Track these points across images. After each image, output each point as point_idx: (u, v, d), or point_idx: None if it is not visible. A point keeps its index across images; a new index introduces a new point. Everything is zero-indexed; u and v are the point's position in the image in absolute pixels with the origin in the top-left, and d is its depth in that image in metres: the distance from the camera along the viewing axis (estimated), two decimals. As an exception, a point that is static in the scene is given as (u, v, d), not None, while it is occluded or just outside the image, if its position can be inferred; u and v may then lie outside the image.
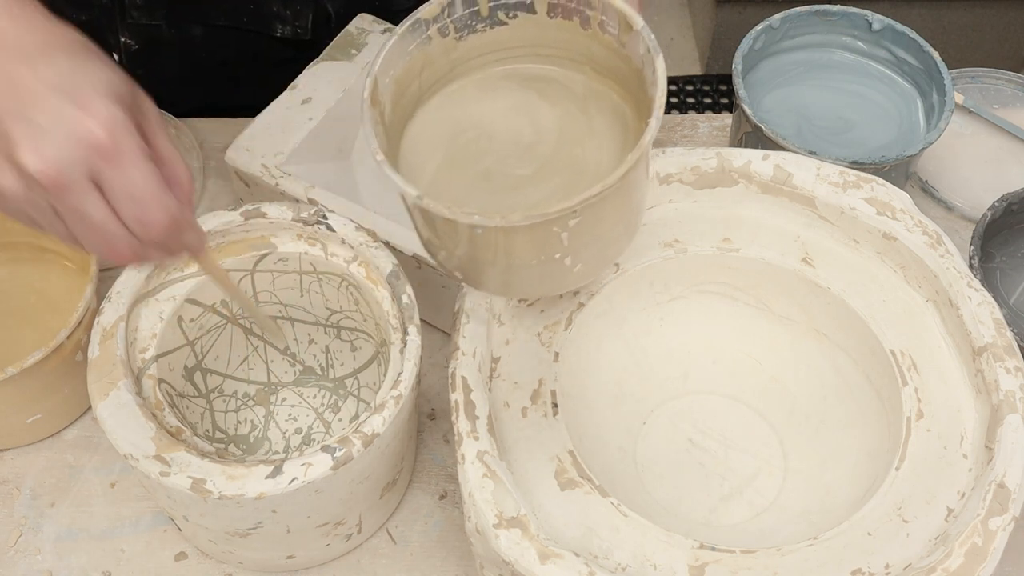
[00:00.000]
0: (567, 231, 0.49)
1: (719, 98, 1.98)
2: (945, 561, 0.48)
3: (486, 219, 0.47)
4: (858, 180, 0.62)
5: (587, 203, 0.47)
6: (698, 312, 0.65)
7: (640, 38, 0.51)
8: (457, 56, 0.56)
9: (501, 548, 0.49)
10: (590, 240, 0.51)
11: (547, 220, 0.47)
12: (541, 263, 0.51)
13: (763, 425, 0.65)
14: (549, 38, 0.56)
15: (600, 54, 0.55)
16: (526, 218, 0.47)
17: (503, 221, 0.47)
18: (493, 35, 0.56)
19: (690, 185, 0.63)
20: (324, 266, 0.63)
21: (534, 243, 0.50)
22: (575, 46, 0.56)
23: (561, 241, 0.50)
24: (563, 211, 0.47)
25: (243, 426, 0.69)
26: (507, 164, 0.55)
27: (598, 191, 0.47)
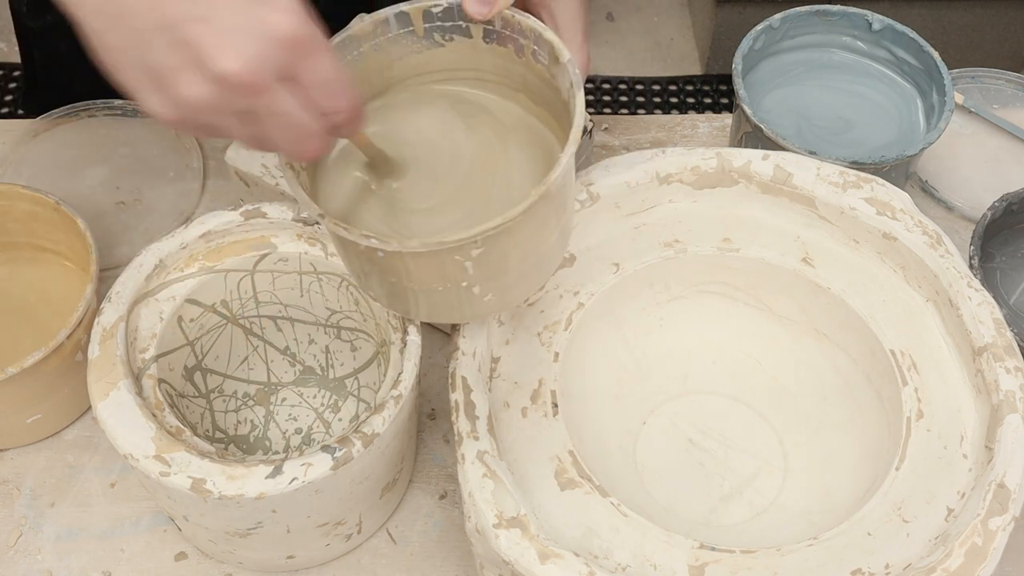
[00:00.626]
0: (471, 260, 0.49)
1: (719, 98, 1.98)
2: (945, 561, 0.48)
3: (383, 244, 0.47)
4: (858, 180, 0.62)
5: (487, 234, 0.47)
6: (698, 312, 0.65)
7: (565, 71, 0.51)
8: (393, 75, 0.56)
9: (501, 548, 0.49)
10: (498, 271, 0.51)
11: (445, 248, 0.47)
12: (448, 290, 0.51)
13: (763, 425, 0.65)
14: (485, 63, 0.56)
15: (534, 83, 0.55)
16: (423, 245, 0.47)
17: (400, 246, 0.47)
18: (428, 56, 0.56)
19: (690, 185, 0.63)
20: (324, 266, 0.63)
21: (437, 270, 0.50)
22: (511, 73, 0.55)
23: (465, 270, 0.49)
24: (461, 240, 0.47)
25: (243, 426, 0.69)
26: (422, 187, 0.54)
27: (498, 223, 0.47)
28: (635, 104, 1.97)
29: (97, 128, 0.86)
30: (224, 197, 0.82)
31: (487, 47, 0.55)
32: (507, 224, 0.47)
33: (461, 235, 0.47)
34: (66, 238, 0.71)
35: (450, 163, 0.55)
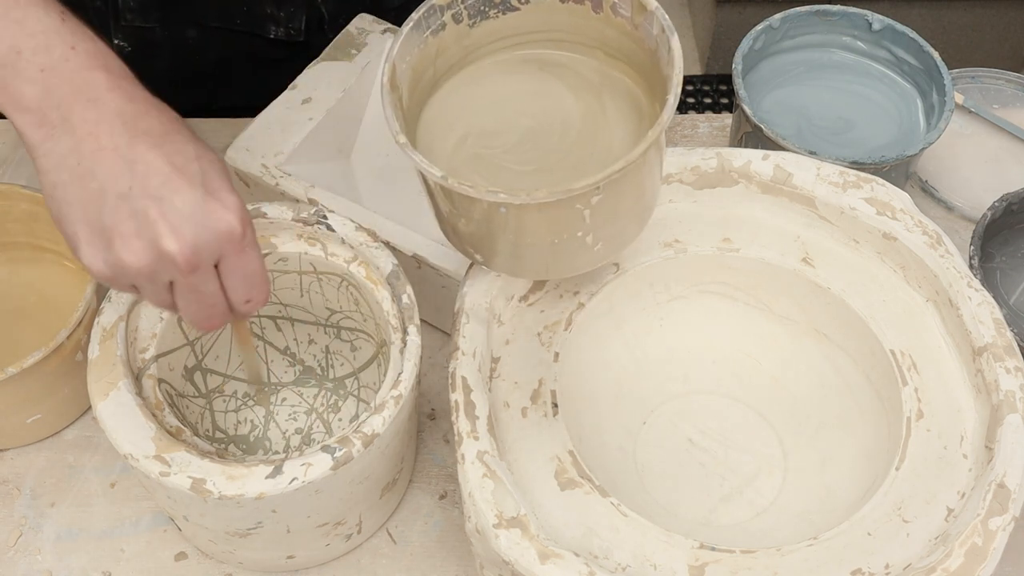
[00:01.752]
0: (589, 208, 0.50)
1: (719, 98, 1.98)
2: (945, 561, 0.48)
3: (511, 197, 0.48)
4: (858, 180, 0.62)
5: (610, 179, 0.48)
6: (698, 312, 0.65)
7: (654, 18, 0.52)
8: (470, 43, 0.56)
9: (501, 548, 0.49)
10: (610, 218, 0.52)
11: (571, 196, 0.48)
12: (563, 241, 0.52)
13: (763, 425, 0.65)
14: (561, 23, 0.56)
15: (612, 37, 0.55)
16: (551, 194, 0.48)
17: (528, 198, 0.48)
18: (505, 21, 0.56)
19: (690, 185, 0.63)
20: (324, 266, 0.63)
21: (557, 221, 0.50)
22: (587, 30, 0.56)
23: (583, 219, 0.50)
24: (588, 187, 0.48)
25: (243, 426, 0.69)
26: (522, 147, 0.55)
27: (621, 166, 0.48)
28: (635, 104, 1.97)
29: (97, 128, 0.86)
30: (224, 197, 0.82)
31: (563, 6, 0.55)
32: (628, 167, 0.48)
33: (588, 180, 0.47)
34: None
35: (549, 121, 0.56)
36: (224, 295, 0.51)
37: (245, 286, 0.51)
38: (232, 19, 0.85)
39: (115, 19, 0.84)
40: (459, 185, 0.48)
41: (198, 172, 0.48)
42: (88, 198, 0.47)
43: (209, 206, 0.48)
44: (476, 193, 0.48)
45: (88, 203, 0.47)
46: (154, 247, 0.47)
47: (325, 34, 0.85)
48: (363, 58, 0.78)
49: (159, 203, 0.47)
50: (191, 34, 0.86)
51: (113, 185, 0.47)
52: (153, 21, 0.85)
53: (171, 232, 0.47)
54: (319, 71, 0.77)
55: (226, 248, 0.49)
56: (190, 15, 0.85)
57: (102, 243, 0.48)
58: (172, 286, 0.50)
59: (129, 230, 0.47)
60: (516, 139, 0.55)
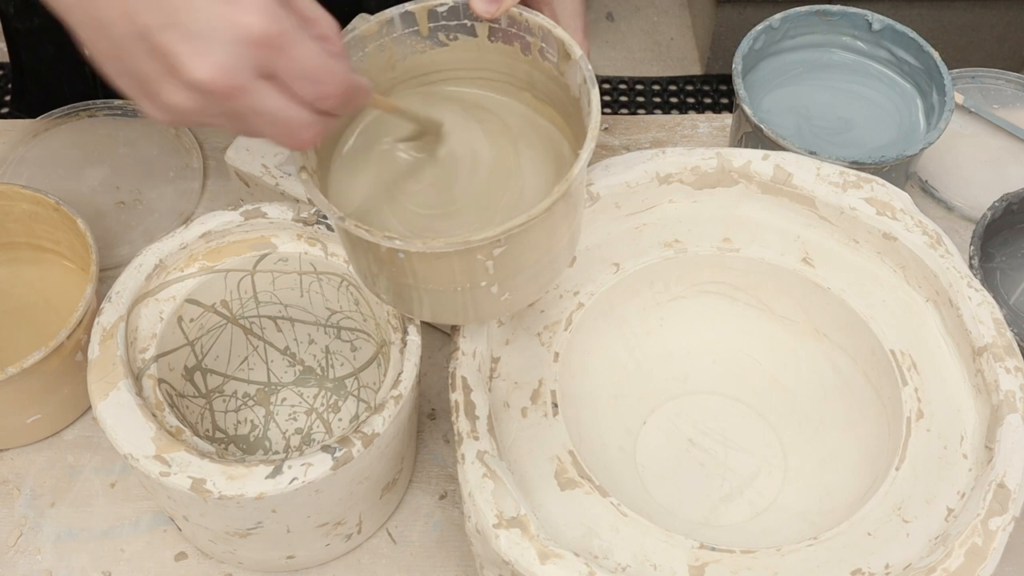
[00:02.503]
0: (492, 260, 0.49)
1: (719, 98, 1.98)
2: (945, 561, 0.48)
3: (407, 244, 0.47)
4: (858, 180, 0.62)
5: (510, 233, 0.47)
6: (698, 312, 0.65)
7: (578, 67, 0.51)
8: (395, 76, 0.56)
9: (501, 548, 0.49)
10: (517, 269, 0.51)
11: (470, 248, 0.47)
12: (466, 290, 0.51)
13: (763, 425, 0.65)
14: (490, 62, 0.56)
15: (540, 81, 0.55)
16: (448, 245, 0.47)
17: (424, 247, 0.47)
18: (432, 56, 0.56)
19: (690, 185, 0.63)
20: (324, 266, 0.63)
21: (458, 270, 0.50)
22: (516, 71, 0.55)
23: (486, 269, 0.49)
24: (486, 240, 0.47)
25: (243, 426, 0.69)
26: (431, 190, 0.54)
27: (522, 221, 0.47)
28: (635, 104, 1.98)
29: (97, 128, 0.86)
30: (224, 197, 0.82)
31: (492, 46, 0.55)
32: (531, 222, 0.47)
33: (487, 233, 0.47)
34: (66, 238, 0.71)
35: (469, 172, 0.55)
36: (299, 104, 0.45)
37: (310, 85, 0.45)
38: None
39: None
40: (355, 228, 0.47)
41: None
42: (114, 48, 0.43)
43: (226, 15, 0.42)
44: (372, 238, 0.47)
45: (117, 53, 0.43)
46: (186, 83, 0.42)
47: None
48: (363, 58, 0.78)
49: (174, 31, 0.42)
50: None
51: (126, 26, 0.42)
52: None
53: (195, 60, 0.42)
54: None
55: (263, 55, 0.43)
56: None
57: (144, 92, 0.44)
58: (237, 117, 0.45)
59: (157, 71, 0.43)
60: (426, 180, 0.54)
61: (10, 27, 0.93)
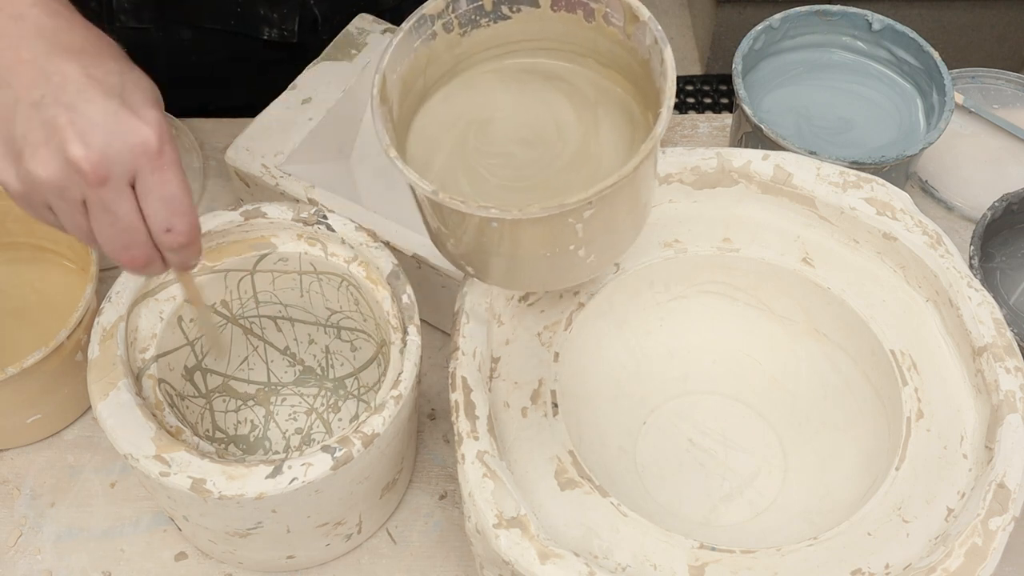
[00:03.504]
0: (582, 222, 0.49)
1: (719, 98, 1.98)
2: (945, 561, 0.48)
3: (503, 212, 0.47)
4: (858, 180, 0.62)
5: (602, 193, 0.47)
6: (698, 312, 0.65)
7: (647, 28, 0.51)
8: (461, 51, 0.56)
9: (501, 548, 0.49)
10: (603, 231, 0.51)
11: (564, 211, 0.48)
12: (556, 255, 0.51)
13: (763, 425, 0.65)
14: (553, 32, 0.56)
15: (605, 47, 0.55)
16: (544, 209, 0.47)
17: (520, 214, 0.47)
18: (496, 30, 0.56)
19: (690, 185, 0.63)
20: (324, 266, 0.63)
21: (549, 235, 0.50)
22: (579, 39, 0.55)
23: (576, 232, 0.50)
24: (580, 202, 0.47)
25: (243, 426, 0.69)
26: (514, 159, 0.55)
27: (614, 181, 0.47)
28: (635, 104, 1.97)
29: (97, 128, 0.86)
30: (224, 197, 0.82)
31: (555, 15, 0.55)
32: (621, 181, 0.47)
33: (580, 195, 0.47)
34: (66, 238, 0.71)
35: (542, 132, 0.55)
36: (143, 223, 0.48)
37: (164, 210, 0.48)
38: (226, 21, 0.85)
39: (109, 21, 0.85)
40: (450, 200, 0.48)
41: (117, 85, 0.46)
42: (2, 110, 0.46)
43: (123, 117, 0.46)
44: (467, 208, 0.48)
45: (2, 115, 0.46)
46: (61, 155, 0.45)
47: (319, 35, 0.85)
48: (363, 58, 0.78)
49: (70, 111, 0.45)
50: (185, 35, 0.86)
51: (27, 94, 0.45)
52: (147, 22, 0.85)
53: (79, 139, 0.45)
54: (319, 71, 0.77)
55: (141, 163, 0.46)
56: (184, 17, 0.85)
57: (13, 155, 0.46)
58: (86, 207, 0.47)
59: (38, 139, 0.45)
60: (509, 151, 0.55)
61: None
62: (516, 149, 0.55)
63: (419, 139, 0.55)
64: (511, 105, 0.56)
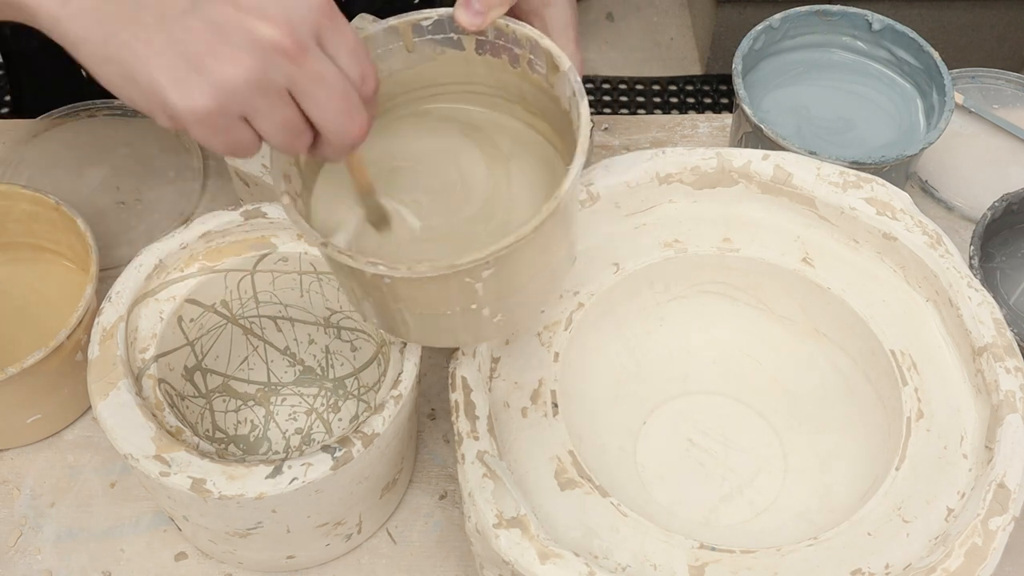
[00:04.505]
0: (481, 282, 0.48)
1: (719, 98, 1.99)
2: (945, 561, 0.48)
3: (392, 270, 0.46)
4: (858, 180, 0.62)
5: (498, 255, 0.46)
6: (698, 312, 0.65)
7: (566, 80, 0.50)
8: (384, 92, 0.54)
9: (501, 548, 0.49)
10: (508, 291, 0.50)
11: (457, 271, 0.46)
12: (456, 314, 0.50)
13: (763, 425, 0.65)
14: (479, 75, 0.54)
15: (530, 93, 0.54)
16: (434, 269, 0.46)
17: (409, 272, 0.46)
18: (420, 71, 0.55)
19: (690, 185, 0.63)
20: (324, 266, 0.63)
21: (446, 294, 0.48)
22: (506, 84, 0.54)
23: (476, 292, 0.48)
24: (473, 262, 0.46)
25: (243, 426, 0.69)
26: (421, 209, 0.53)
27: (510, 242, 0.45)
28: (635, 104, 1.98)
29: (97, 128, 0.86)
30: (224, 197, 0.82)
31: (480, 59, 0.53)
32: (519, 242, 0.46)
33: (473, 256, 0.45)
34: (66, 238, 0.71)
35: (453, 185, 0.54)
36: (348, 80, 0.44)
37: (355, 61, 0.44)
38: None
39: None
40: (338, 254, 0.46)
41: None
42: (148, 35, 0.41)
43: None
44: (355, 264, 0.46)
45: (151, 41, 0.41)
46: (251, 44, 0.41)
47: None
48: (363, 58, 0.78)
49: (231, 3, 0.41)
50: None
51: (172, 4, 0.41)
52: None
53: (262, 19, 0.41)
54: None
55: (320, 21, 0.43)
56: None
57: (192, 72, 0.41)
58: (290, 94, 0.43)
59: (214, 42, 0.41)
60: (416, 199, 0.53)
61: (8, 48, 0.93)
62: (423, 199, 0.53)
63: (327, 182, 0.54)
64: (425, 154, 0.55)
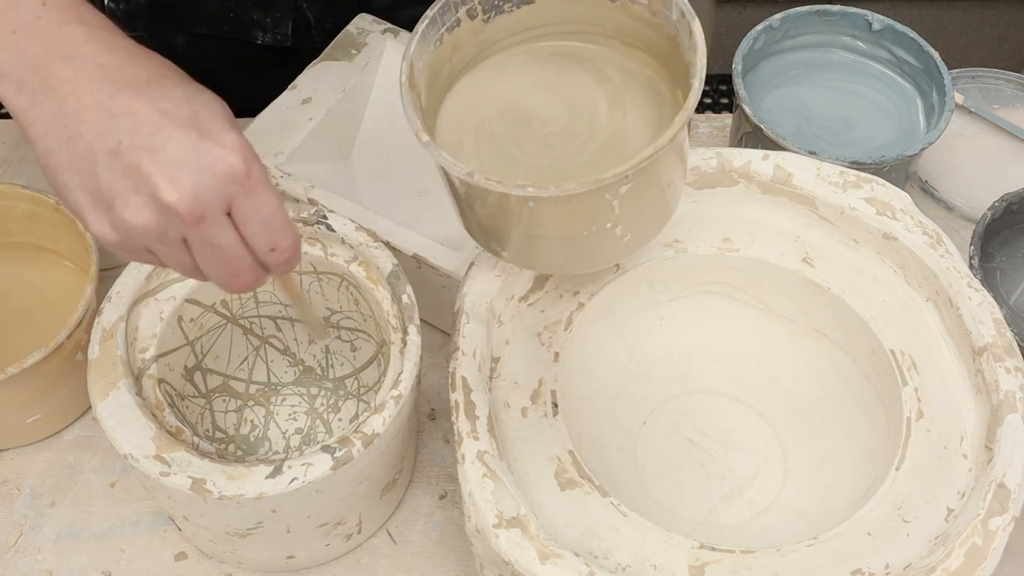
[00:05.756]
0: (618, 199, 0.49)
1: (719, 98, 1.99)
2: (945, 561, 0.48)
3: (539, 190, 0.47)
4: (858, 180, 0.62)
5: (639, 167, 0.47)
6: (698, 312, 0.65)
7: (673, 3, 0.52)
8: (485, 37, 0.56)
9: (501, 548, 0.49)
10: (639, 208, 0.51)
11: (601, 187, 0.48)
12: (592, 234, 0.51)
13: (763, 425, 0.65)
14: (576, 13, 0.56)
15: (629, 26, 0.55)
16: (581, 185, 0.47)
17: (557, 191, 0.47)
18: (520, 14, 0.56)
19: (690, 185, 0.63)
20: (324, 266, 0.63)
21: (586, 213, 0.50)
22: (603, 20, 0.55)
23: (612, 209, 0.50)
24: (617, 176, 0.47)
25: (243, 426, 0.69)
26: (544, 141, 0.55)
27: (650, 154, 0.47)
28: (635, 104, 1.97)
29: (97, 128, 0.86)
30: (224, 197, 0.82)
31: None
32: (657, 154, 0.47)
33: (617, 169, 0.47)
34: (66, 238, 0.71)
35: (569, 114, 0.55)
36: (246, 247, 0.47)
37: (265, 232, 0.47)
38: (219, 26, 0.85)
39: None
40: (485, 181, 0.48)
41: (190, 115, 0.45)
42: (80, 162, 0.44)
43: (204, 148, 0.44)
44: (504, 188, 0.48)
45: (81, 167, 0.44)
46: (154, 201, 0.44)
47: (312, 38, 0.85)
48: (363, 58, 0.78)
49: (151, 153, 0.44)
50: (179, 42, 0.86)
51: (101, 143, 0.44)
52: (140, 29, 0.85)
53: (168, 182, 0.43)
54: (319, 71, 0.77)
55: (232, 191, 0.45)
56: (177, 23, 0.85)
57: (103, 207, 0.45)
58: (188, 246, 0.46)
59: (126, 188, 0.44)
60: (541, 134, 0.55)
61: None
62: (548, 133, 0.55)
63: (449, 124, 0.55)
64: (536, 88, 0.56)
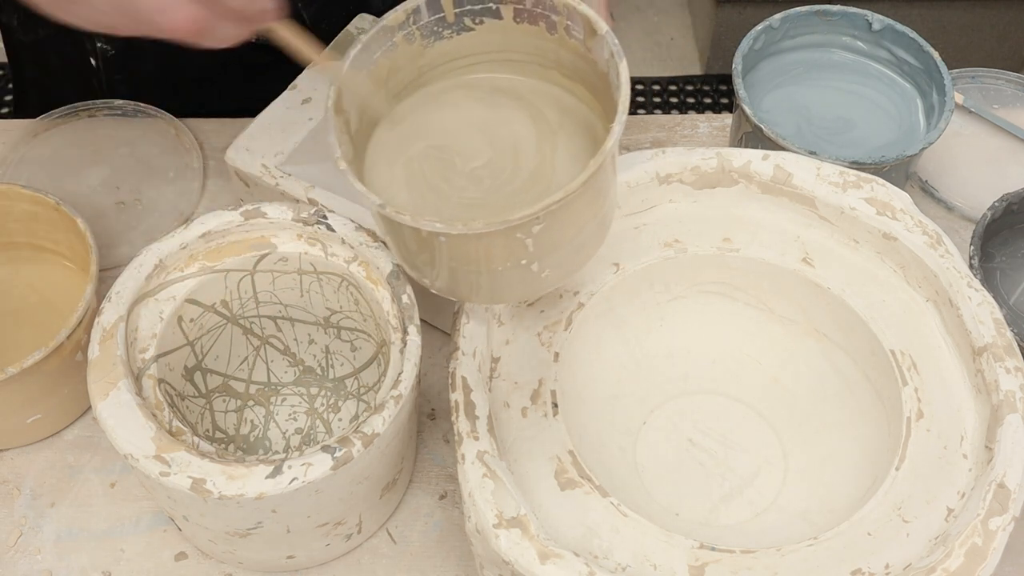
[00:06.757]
0: (531, 237, 0.49)
1: (719, 98, 1.99)
2: (945, 561, 0.49)
3: (448, 227, 0.48)
4: (858, 180, 0.62)
5: (549, 209, 0.47)
6: (698, 312, 0.65)
7: (604, 43, 0.52)
8: (424, 63, 0.56)
9: (501, 548, 0.49)
10: (556, 246, 0.51)
11: (510, 227, 0.48)
12: (507, 269, 0.51)
13: (763, 425, 0.65)
14: (516, 44, 0.56)
15: (567, 59, 0.55)
16: (488, 225, 0.48)
17: (465, 228, 0.48)
18: (460, 41, 0.56)
19: (690, 185, 0.63)
20: (324, 266, 0.63)
21: (500, 250, 0.50)
22: (542, 51, 0.56)
23: (526, 247, 0.50)
24: (525, 217, 0.47)
25: (243, 426, 0.69)
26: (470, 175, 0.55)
27: (560, 197, 0.47)
28: (635, 104, 1.98)
29: (97, 128, 0.86)
30: (224, 197, 0.82)
31: (518, 27, 0.55)
32: (568, 197, 0.48)
33: (525, 211, 0.47)
34: (66, 238, 0.71)
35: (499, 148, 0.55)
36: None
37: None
38: None
39: None
40: (396, 214, 0.48)
41: None
42: None
43: None
44: (413, 223, 0.48)
45: None
46: None
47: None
48: (363, 58, 0.78)
49: None
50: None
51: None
52: None
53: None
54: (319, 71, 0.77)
55: None
56: None
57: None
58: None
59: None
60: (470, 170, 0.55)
61: (13, 39, 0.93)
62: (473, 168, 0.55)
63: (378, 153, 0.56)
64: (469, 121, 0.56)
